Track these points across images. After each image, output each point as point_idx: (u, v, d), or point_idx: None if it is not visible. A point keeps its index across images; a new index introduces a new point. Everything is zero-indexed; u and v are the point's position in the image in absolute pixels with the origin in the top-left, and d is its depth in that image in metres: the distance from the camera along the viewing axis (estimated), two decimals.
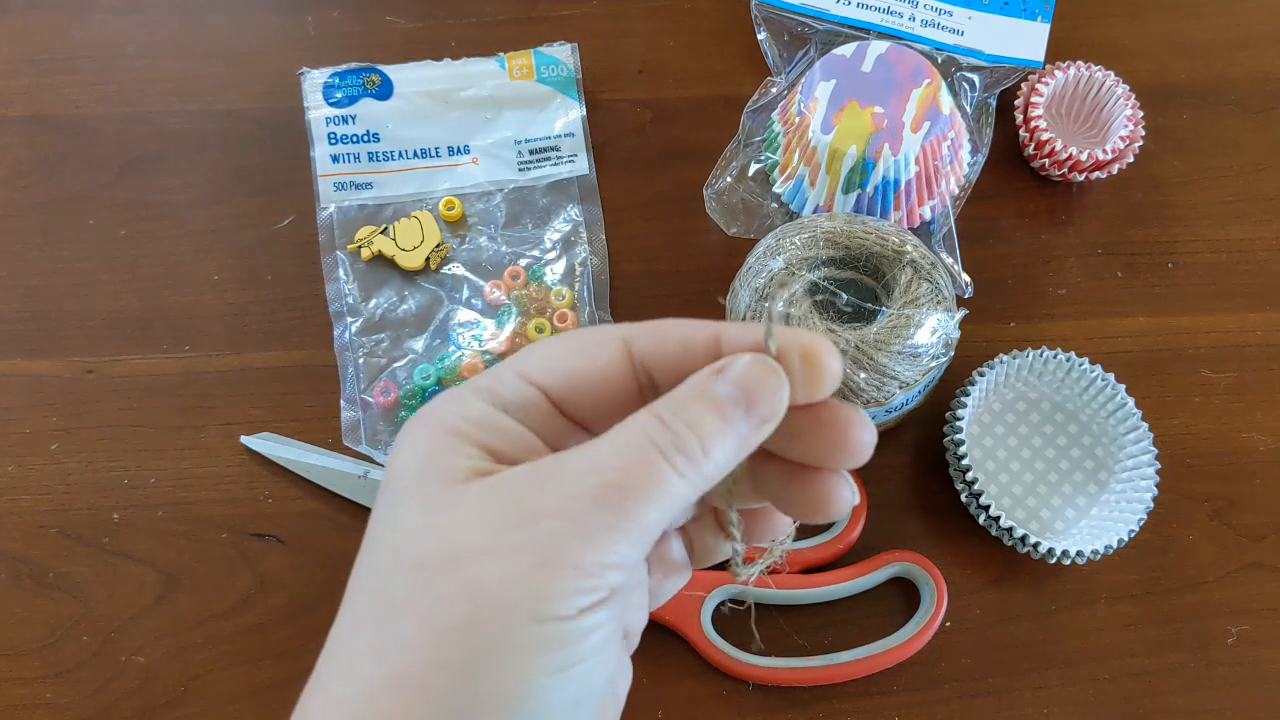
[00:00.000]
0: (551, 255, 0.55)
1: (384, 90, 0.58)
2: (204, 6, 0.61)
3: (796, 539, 0.49)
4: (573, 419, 0.26)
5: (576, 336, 0.26)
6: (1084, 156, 0.54)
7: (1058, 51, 0.58)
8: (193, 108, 0.59)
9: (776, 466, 0.26)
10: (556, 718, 0.23)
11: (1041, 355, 0.49)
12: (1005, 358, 0.49)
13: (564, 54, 0.59)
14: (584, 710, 0.24)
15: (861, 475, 0.50)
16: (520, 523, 0.23)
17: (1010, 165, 0.57)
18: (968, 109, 0.56)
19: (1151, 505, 0.47)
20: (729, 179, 0.56)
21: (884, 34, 0.58)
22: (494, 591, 0.22)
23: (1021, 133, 0.56)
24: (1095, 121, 0.58)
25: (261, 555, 0.50)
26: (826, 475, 0.26)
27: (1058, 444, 0.51)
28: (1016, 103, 0.57)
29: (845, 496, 0.26)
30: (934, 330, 0.45)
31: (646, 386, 0.26)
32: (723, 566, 0.28)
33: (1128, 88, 0.56)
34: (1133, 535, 0.46)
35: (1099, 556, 0.46)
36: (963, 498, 0.48)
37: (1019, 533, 0.46)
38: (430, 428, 0.25)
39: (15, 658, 0.48)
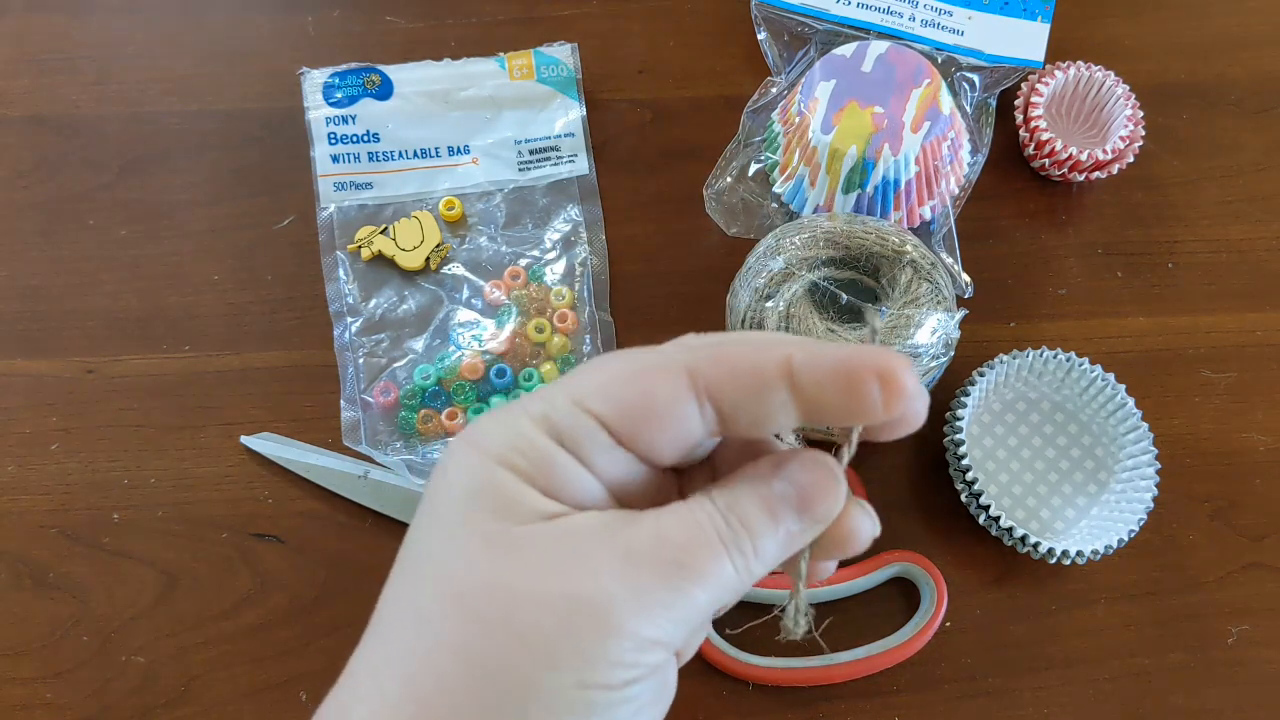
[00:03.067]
0: (551, 255, 0.55)
1: (384, 90, 0.58)
2: (204, 6, 0.61)
3: None
4: (628, 447, 0.25)
5: (634, 364, 0.25)
6: (1084, 156, 0.54)
7: (1058, 51, 0.58)
8: (193, 108, 0.59)
9: None
10: None
11: (1041, 355, 0.49)
12: (1005, 358, 0.49)
13: (564, 54, 0.59)
14: None
15: (862, 475, 0.50)
16: (581, 585, 0.22)
17: (1010, 165, 0.57)
18: (968, 109, 0.56)
19: (1151, 505, 0.47)
20: (729, 179, 0.56)
21: (884, 34, 0.58)
22: (545, 649, 0.22)
23: (1021, 133, 0.56)
24: (1095, 121, 0.58)
25: (261, 555, 0.50)
26: (847, 511, 0.26)
27: (1058, 444, 0.51)
28: (1016, 103, 0.57)
29: (866, 530, 0.26)
30: (934, 330, 0.45)
31: (712, 418, 0.24)
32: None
33: (1128, 88, 0.56)
34: (1133, 535, 0.46)
35: (1099, 556, 0.46)
36: (963, 498, 0.48)
37: (1019, 533, 0.46)
38: (483, 455, 0.24)
39: (15, 658, 0.48)
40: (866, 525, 0.26)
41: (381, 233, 0.55)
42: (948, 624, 0.48)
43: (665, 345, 0.25)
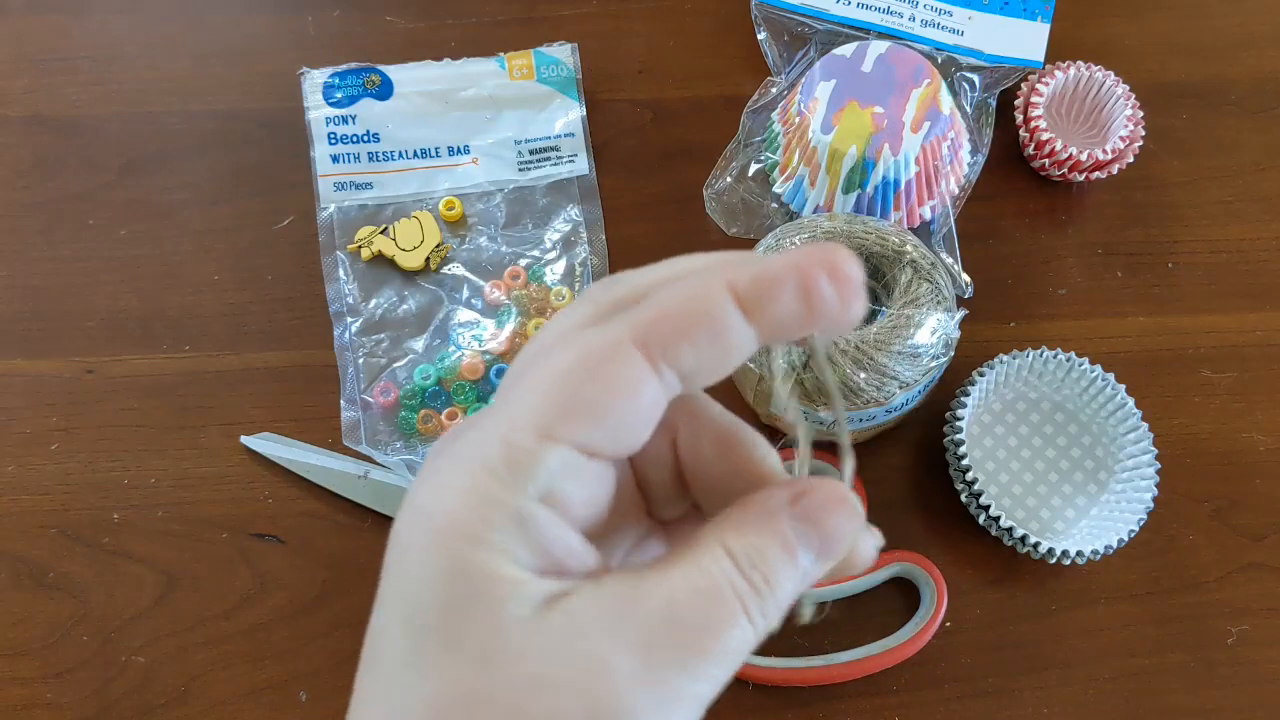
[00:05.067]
0: (551, 255, 0.55)
1: (384, 90, 0.58)
2: (204, 6, 0.61)
3: None
4: (596, 454, 0.22)
5: (581, 356, 0.21)
6: (1084, 156, 0.54)
7: (1058, 51, 0.58)
8: (193, 108, 0.59)
9: None
10: None
11: (1041, 355, 0.49)
12: (1005, 358, 0.49)
13: (564, 54, 0.59)
14: None
15: (861, 475, 0.50)
16: (600, 693, 0.20)
17: (1010, 165, 0.57)
18: (968, 109, 0.56)
19: (1151, 505, 0.47)
20: (729, 179, 0.56)
21: (884, 34, 0.58)
22: None
23: (1021, 133, 0.56)
24: (1095, 121, 0.58)
25: (261, 555, 0.50)
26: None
27: (1058, 444, 0.51)
28: (1016, 103, 0.57)
29: (870, 554, 0.24)
30: (934, 330, 0.45)
31: (673, 381, 0.22)
32: None
33: (1128, 88, 0.56)
34: (1133, 535, 0.46)
35: (1099, 556, 0.46)
36: (963, 498, 0.48)
37: (1019, 533, 0.46)
38: (449, 538, 0.21)
39: (15, 658, 0.48)
40: (870, 549, 0.24)
41: (381, 233, 0.55)
42: (948, 624, 0.48)
43: (588, 317, 0.22)
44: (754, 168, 0.56)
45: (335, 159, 0.57)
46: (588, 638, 0.20)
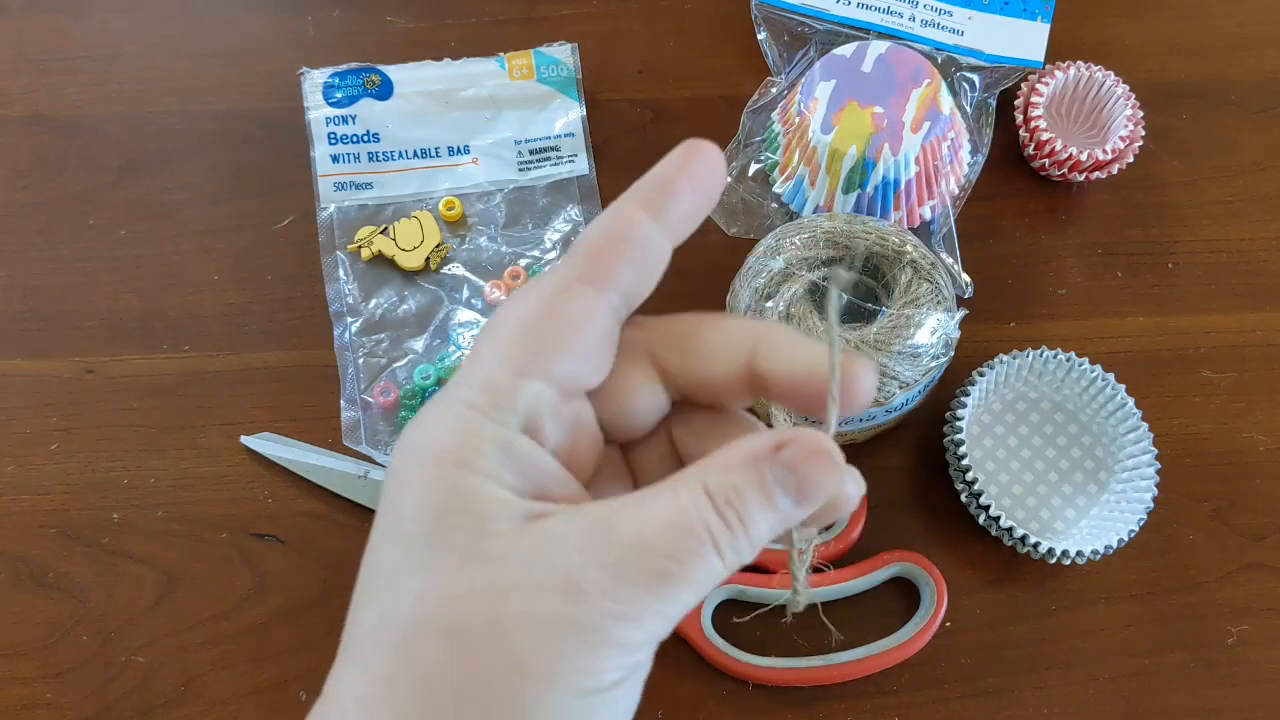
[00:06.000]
0: (552, 255, 0.55)
1: (384, 90, 0.58)
2: (204, 6, 0.61)
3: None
4: (569, 388, 0.25)
5: (540, 296, 0.24)
6: (1084, 156, 0.54)
7: (1058, 51, 0.58)
8: (193, 108, 0.59)
9: None
10: None
11: (1041, 355, 0.49)
12: (1005, 358, 0.49)
13: (564, 54, 0.59)
14: None
15: (861, 475, 0.50)
16: (568, 598, 0.22)
17: (1010, 165, 0.57)
18: (968, 109, 0.56)
19: (1151, 505, 0.47)
20: (729, 179, 0.56)
21: (884, 34, 0.58)
22: (543, 667, 0.22)
23: (1021, 133, 0.56)
24: (1095, 121, 0.58)
25: (261, 555, 0.50)
26: None
27: (1058, 444, 0.51)
28: (1016, 103, 0.57)
29: (851, 493, 0.25)
30: (934, 330, 0.45)
31: (619, 305, 0.25)
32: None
33: (1128, 88, 0.56)
34: (1133, 535, 0.46)
35: (1099, 556, 0.46)
36: (963, 498, 0.48)
37: (1019, 533, 0.46)
38: (439, 463, 0.23)
39: (15, 658, 0.48)
40: (853, 491, 0.25)
41: (381, 233, 0.55)
42: (948, 624, 0.48)
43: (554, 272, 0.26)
44: (754, 168, 0.56)
45: (335, 159, 0.57)
46: (561, 552, 0.22)
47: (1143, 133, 0.55)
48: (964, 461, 0.47)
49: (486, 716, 0.22)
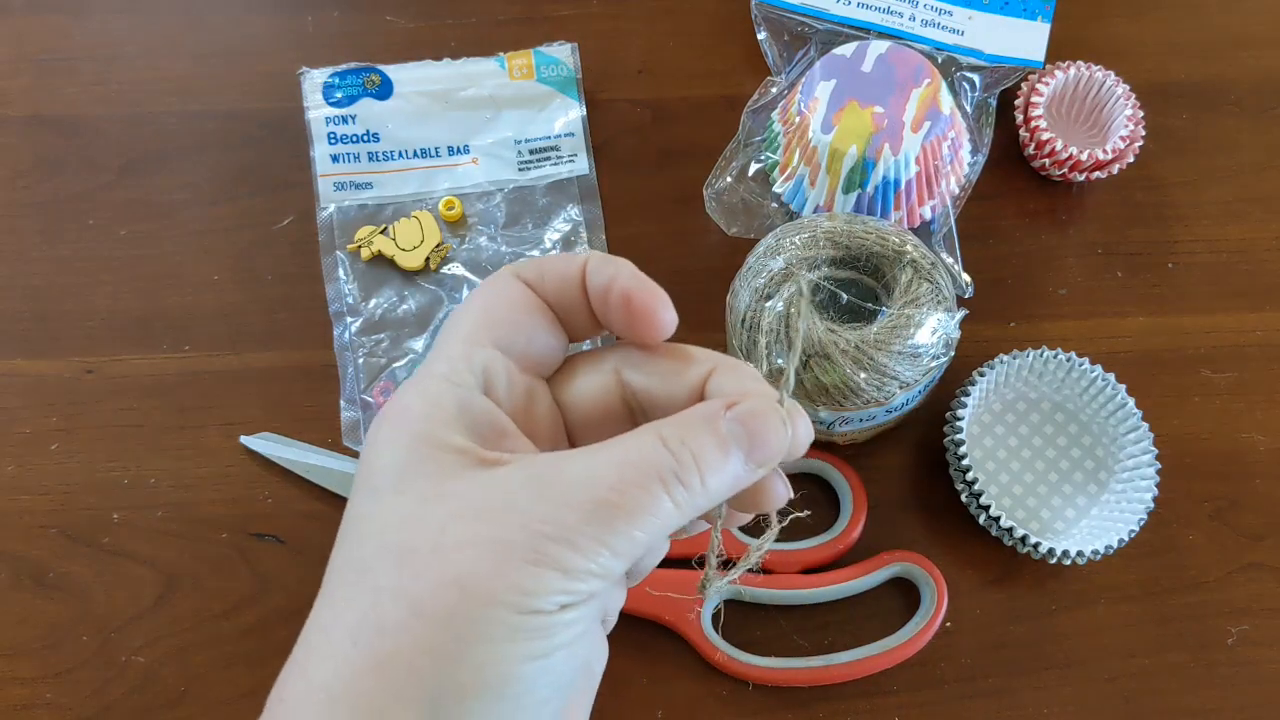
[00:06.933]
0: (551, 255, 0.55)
1: (384, 90, 0.58)
2: (204, 6, 0.61)
3: (798, 540, 0.49)
4: (515, 354, 0.28)
5: (487, 293, 0.28)
6: (1084, 156, 0.54)
7: (1058, 51, 0.58)
8: (193, 108, 0.59)
9: None
10: (534, 699, 0.24)
11: (1041, 355, 0.49)
12: (1005, 358, 0.49)
13: (564, 54, 0.59)
14: (560, 691, 0.25)
15: (862, 475, 0.50)
16: (512, 524, 0.23)
17: (1010, 165, 0.57)
18: (968, 109, 0.56)
19: (1151, 505, 0.47)
20: (729, 179, 0.56)
21: (884, 34, 0.58)
22: (482, 584, 0.23)
23: (1021, 133, 0.56)
24: (1095, 121, 0.58)
25: (261, 555, 0.50)
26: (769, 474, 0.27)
27: (1058, 444, 0.51)
28: (1016, 103, 0.57)
29: (779, 493, 0.27)
30: (934, 330, 0.45)
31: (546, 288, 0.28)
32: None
33: (1128, 88, 0.56)
34: (1133, 535, 0.46)
35: (1099, 556, 0.46)
36: (963, 498, 0.48)
37: (1019, 533, 0.46)
38: (409, 424, 0.26)
39: (15, 658, 0.48)
40: (780, 490, 0.27)
41: (381, 233, 0.55)
42: (948, 624, 0.48)
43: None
44: (754, 168, 0.56)
45: (335, 159, 0.57)
46: (510, 489, 0.24)
47: (1143, 133, 0.55)
48: (964, 461, 0.47)
49: (430, 631, 0.23)
